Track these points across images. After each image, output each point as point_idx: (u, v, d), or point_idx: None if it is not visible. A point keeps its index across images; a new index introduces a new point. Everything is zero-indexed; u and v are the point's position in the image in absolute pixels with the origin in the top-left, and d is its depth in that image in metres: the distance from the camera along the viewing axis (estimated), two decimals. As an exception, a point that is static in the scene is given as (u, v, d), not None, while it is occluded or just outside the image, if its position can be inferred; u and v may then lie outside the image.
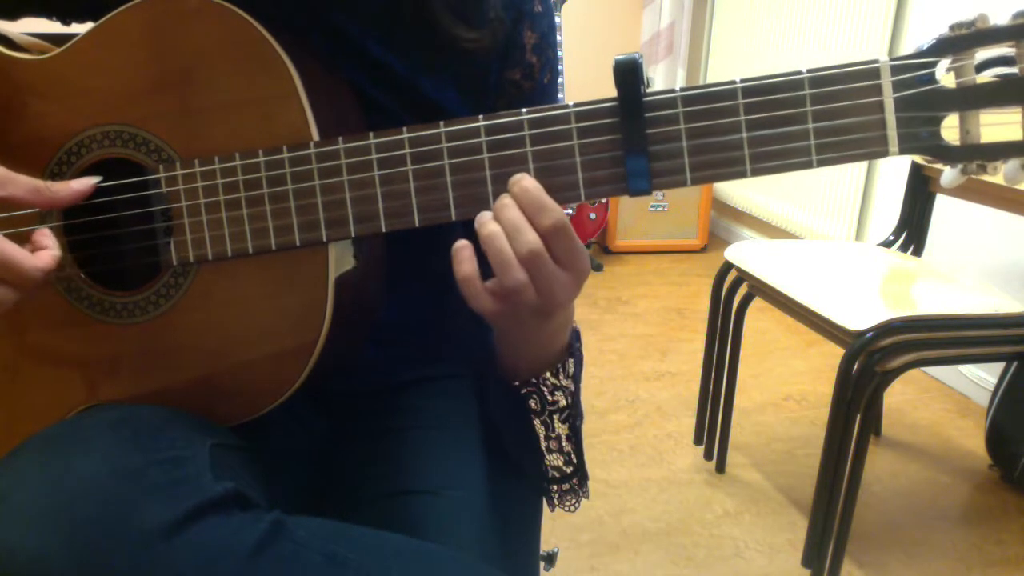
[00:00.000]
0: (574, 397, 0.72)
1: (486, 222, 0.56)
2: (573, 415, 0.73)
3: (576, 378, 0.72)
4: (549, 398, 0.72)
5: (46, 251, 0.58)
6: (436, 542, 0.61)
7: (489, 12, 0.69)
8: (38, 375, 0.65)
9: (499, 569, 0.60)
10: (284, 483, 0.67)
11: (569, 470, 0.75)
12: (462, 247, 0.56)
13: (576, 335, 0.71)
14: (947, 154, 0.52)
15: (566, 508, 0.78)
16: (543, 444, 0.74)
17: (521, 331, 0.64)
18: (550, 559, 1.15)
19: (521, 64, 0.74)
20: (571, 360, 0.71)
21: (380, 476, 0.70)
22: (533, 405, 0.72)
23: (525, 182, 0.55)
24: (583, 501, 0.78)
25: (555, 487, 0.77)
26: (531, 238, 0.54)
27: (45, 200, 0.59)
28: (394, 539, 0.58)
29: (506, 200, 0.55)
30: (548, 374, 0.71)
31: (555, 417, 0.73)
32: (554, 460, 0.75)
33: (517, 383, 0.72)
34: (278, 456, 0.69)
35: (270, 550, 0.49)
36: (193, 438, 0.55)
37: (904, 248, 1.79)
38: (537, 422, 0.73)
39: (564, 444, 0.74)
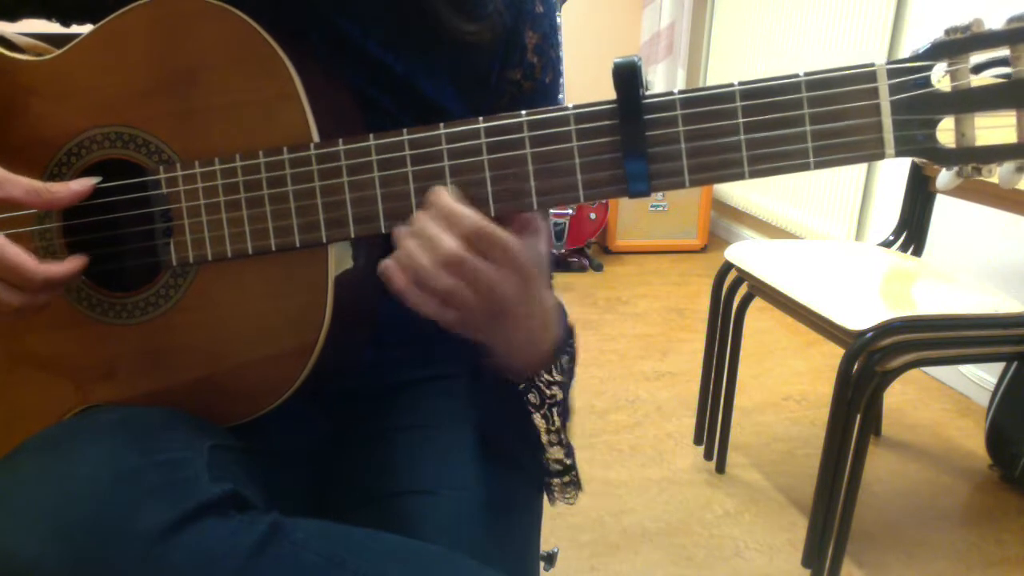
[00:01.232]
0: (565, 391, 0.72)
1: (402, 236, 0.56)
2: (564, 410, 0.73)
3: (569, 372, 0.72)
4: (547, 392, 0.72)
5: (57, 263, 0.58)
6: (435, 542, 0.62)
7: (488, 5, 0.70)
8: (37, 375, 0.65)
9: (498, 569, 0.60)
10: (283, 484, 0.67)
11: (570, 461, 0.76)
12: (385, 267, 0.56)
13: (570, 332, 0.71)
14: (943, 157, 0.52)
15: (566, 500, 0.78)
16: (545, 438, 0.74)
17: (488, 336, 0.63)
18: (550, 559, 1.15)
19: (522, 64, 0.74)
20: (564, 357, 0.71)
21: (379, 476, 0.70)
22: (532, 399, 0.72)
23: (435, 195, 0.56)
24: (584, 501, 0.78)
25: (556, 480, 0.77)
26: (448, 245, 0.54)
27: (43, 201, 0.59)
28: (392, 540, 0.58)
29: (418, 213, 0.56)
30: (543, 371, 0.71)
31: (554, 410, 0.73)
32: (555, 453, 0.75)
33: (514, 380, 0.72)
34: (277, 457, 0.69)
35: (268, 551, 0.50)
36: (192, 439, 0.55)
37: (904, 248, 1.79)
38: (538, 416, 0.73)
39: (563, 436, 0.75)
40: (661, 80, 3.66)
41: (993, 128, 0.50)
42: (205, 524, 0.48)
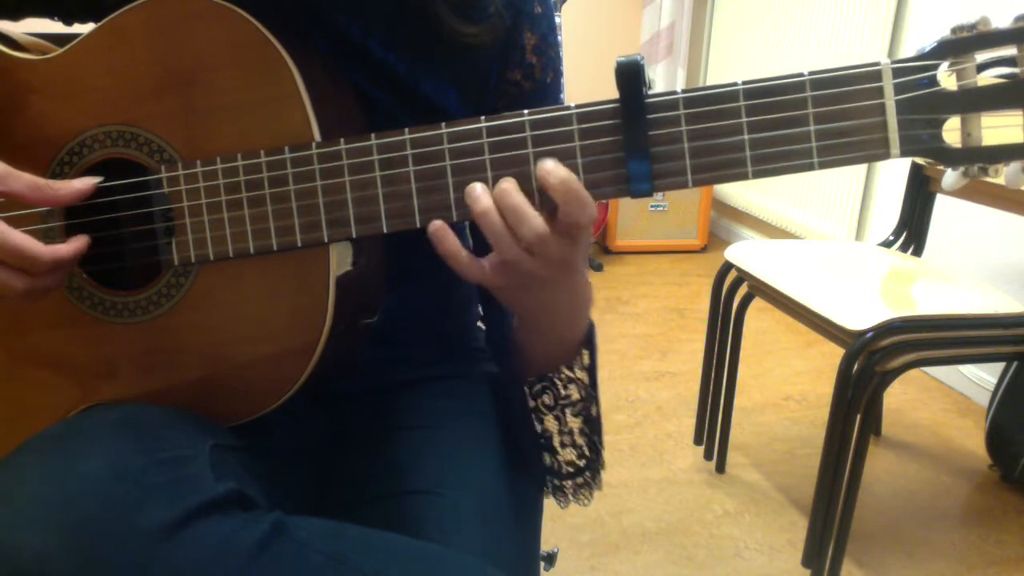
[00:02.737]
0: (588, 389, 0.72)
1: (479, 196, 0.55)
2: (587, 405, 0.73)
3: (591, 369, 0.72)
4: (562, 392, 0.72)
5: (63, 245, 0.58)
6: (436, 542, 0.62)
7: (489, 7, 0.70)
8: (39, 374, 0.65)
9: (499, 569, 0.60)
10: (285, 483, 0.68)
11: (582, 463, 0.75)
12: (437, 227, 0.56)
13: (591, 327, 0.72)
14: (948, 156, 0.52)
15: (580, 502, 0.78)
16: (556, 440, 0.74)
17: (531, 300, 0.64)
18: (550, 559, 1.15)
19: (521, 65, 0.74)
20: (586, 352, 0.71)
21: (381, 476, 0.70)
22: (547, 400, 0.72)
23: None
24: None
25: (569, 482, 0.77)
26: (537, 222, 0.54)
27: (46, 197, 0.59)
28: (394, 539, 0.58)
29: (505, 185, 0.55)
30: (563, 367, 0.71)
31: (567, 411, 0.73)
32: (567, 455, 0.75)
33: (531, 378, 0.72)
34: (279, 456, 0.69)
35: (271, 550, 0.50)
36: (194, 438, 0.55)
37: (904, 248, 1.79)
38: (550, 417, 0.73)
39: (577, 438, 0.74)
40: (661, 80, 3.65)
41: (999, 127, 0.50)
42: (209, 522, 0.48)
